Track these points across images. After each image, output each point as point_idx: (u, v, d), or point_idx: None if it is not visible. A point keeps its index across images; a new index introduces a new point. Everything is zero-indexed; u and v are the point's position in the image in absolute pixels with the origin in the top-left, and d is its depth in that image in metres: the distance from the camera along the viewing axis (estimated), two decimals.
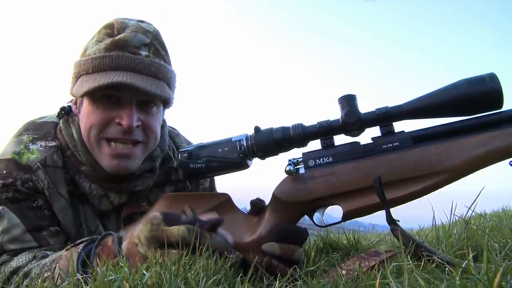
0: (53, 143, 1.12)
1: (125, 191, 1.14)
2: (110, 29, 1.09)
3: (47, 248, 1.03)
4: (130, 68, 1.04)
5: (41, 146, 1.11)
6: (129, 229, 0.84)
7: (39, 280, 0.88)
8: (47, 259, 0.94)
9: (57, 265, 0.88)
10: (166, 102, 1.16)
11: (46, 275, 0.89)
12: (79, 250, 0.85)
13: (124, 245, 0.80)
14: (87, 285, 0.67)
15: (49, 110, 1.22)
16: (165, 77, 1.11)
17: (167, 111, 1.23)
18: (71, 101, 1.18)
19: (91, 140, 1.07)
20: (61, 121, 1.15)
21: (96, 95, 1.05)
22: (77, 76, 1.09)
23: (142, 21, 1.13)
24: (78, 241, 0.91)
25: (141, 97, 1.07)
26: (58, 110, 1.17)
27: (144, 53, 1.07)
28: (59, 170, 1.10)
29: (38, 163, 1.06)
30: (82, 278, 0.68)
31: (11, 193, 1.03)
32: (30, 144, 1.10)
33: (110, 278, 0.63)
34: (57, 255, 0.92)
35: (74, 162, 1.11)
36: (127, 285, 0.60)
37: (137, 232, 0.78)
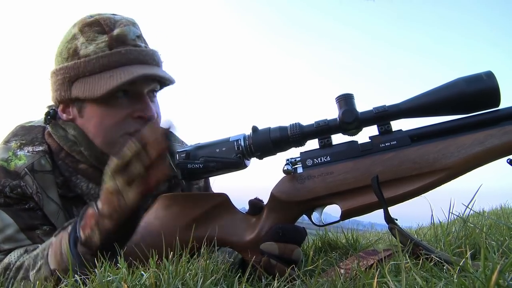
0: (40, 148, 1.11)
1: None
2: (98, 26, 1.07)
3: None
4: (139, 61, 1.06)
5: (28, 151, 1.09)
6: None
7: (34, 270, 0.88)
8: (38, 249, 0.94)
9: (49, 251, 0.88)
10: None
11: (40, 263, 0.89)
12: (68, 231, 0.85)
13: (100, 199, 0.82)
14: (86, 286, 0.67)
15: (40, 112, 1.19)
16: (162, 64, 1.14)
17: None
18: (52, 105, 1.16)
19: (110, 141, 1.06)
20: (49, 125, 1.13)
21: (103, 96, 1.03)
22: (72, 80, 1.06)
23: (116, 14, 1.12)
24: (66, 224, 0.90)
25: (150, 87, 1.10)
26: (44, 116, 1.14)
27: (142, 44, 1.10)
28: (48, 174, 1.08)
29: (25, 169, 1.05)
30: (80, 279, 0.68)
31: (2, 199, 1.03)
32: (18, 150, 1.09)
33: (109, 279, 0.63)
34: (48, 242, 0.92)
35: (70, 163, 1.10)
36: (125, 285, 0.60)
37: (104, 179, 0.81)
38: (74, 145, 1.09)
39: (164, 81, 1.10)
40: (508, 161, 0.81)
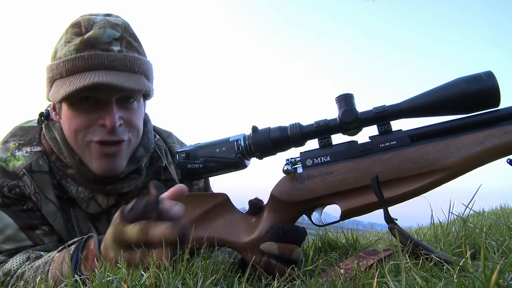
0: (38, 148, 1.11)
1: (112, 193, 1.13)
2: (78, 28, 1.05)
3: (41, 248, 1.03)
4: (104, 66, 1.01)
5: (26, 152, 1.09)
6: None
7: (36, 283, 0.88)
8: (40, 260, 0.94)
9: (50, 268, 0.88)
10: (146, 95, 1.14)
11: (39, 277, 0.88)
12: (71, 253, 0.85)
13: (102, 247, 0.80)
14: (86, 286, 0.67)
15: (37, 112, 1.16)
16: (141, 70, 1.08)
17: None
18: (49, 106, 1.16)
19: (79, 144, 1.05)
20: (43, 126, 1.13)
21: (74, 99, 1.02)
22: (52, 81, 1.06)
23: (109, 15, 1.10)
24: (70, 242, 0.90)
25: (120, 94, 1.04)
26: (38, 116, 1.14)
27: (116, 48, 1.04)
28: (46, 175, 1.08)
29: (23, 170, 1.05)
30: (80, 279, 0.68)
31: (0, 199, 1.03)
32: (16, 150, 1.09)
33: (108, 279, 0.63)
34: (50, 257, 0.92)
35: (60, 166, 1.10)
36: (125, 285, 0.60)
37: (107, 234, 0.79)
38: (61, 149, 1.09)
39: (124, 90, 1.02)
40: (508, 161, 0.81)
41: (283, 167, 0.89)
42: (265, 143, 0.90)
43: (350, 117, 0.86)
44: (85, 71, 1.00)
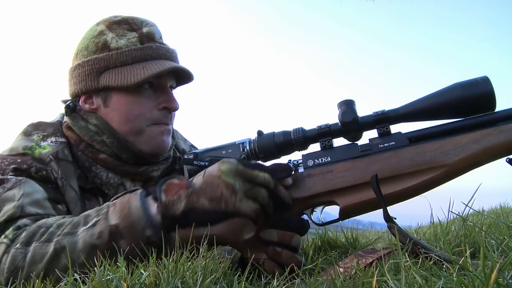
0: (63, 139, 1.15)
1: (141, 177, 1.17)
2: (127, 24, 1.15)
3: None
4: (166, 56, 1.16)
5: (51, 142, 1.13)
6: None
7: (87, 226, 0.83)
8: (89, 211, 0.89)
9: (109, 210, 0.84)
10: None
11: (94, 220, 0.84)
12: (138, 192, 0.85)
13: (199, 179, 0.82)
14: (85, 284, 0.67)
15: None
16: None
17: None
18: (66, 100, 1.19)
19: (136, 128, 1.12)
20: (68, 118, 1.16)
21: (137, 84, 1.09)
22: (101, 71, 1.12)
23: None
24: (125, 192, 0.89)
25: (172, 82, 1.19)
26: (64, 108, 1.17)
27: (167, 44, 1.19)
28: (70, 164, 1.11)
29: (50, 156, 1.08)
30: (80, 278, 0.68)
31: (24, 177, 1.01)
32: (41, 141, 1.12)
33: (108, 277, 0.63)
34: (100, 207, 0.88)
35: (90, 153, 1.13)
36: (125, 284, 0.60)
37: (215, 167, 0.82)
38: (95, 135, 1.12)
39: (186, 76, 1.19)
40: (508, 160, 0.82)
41: None
42: (269, 147, 0.93)
43: (349, 117, 0.88)
44: (153, 60, 1.13)
